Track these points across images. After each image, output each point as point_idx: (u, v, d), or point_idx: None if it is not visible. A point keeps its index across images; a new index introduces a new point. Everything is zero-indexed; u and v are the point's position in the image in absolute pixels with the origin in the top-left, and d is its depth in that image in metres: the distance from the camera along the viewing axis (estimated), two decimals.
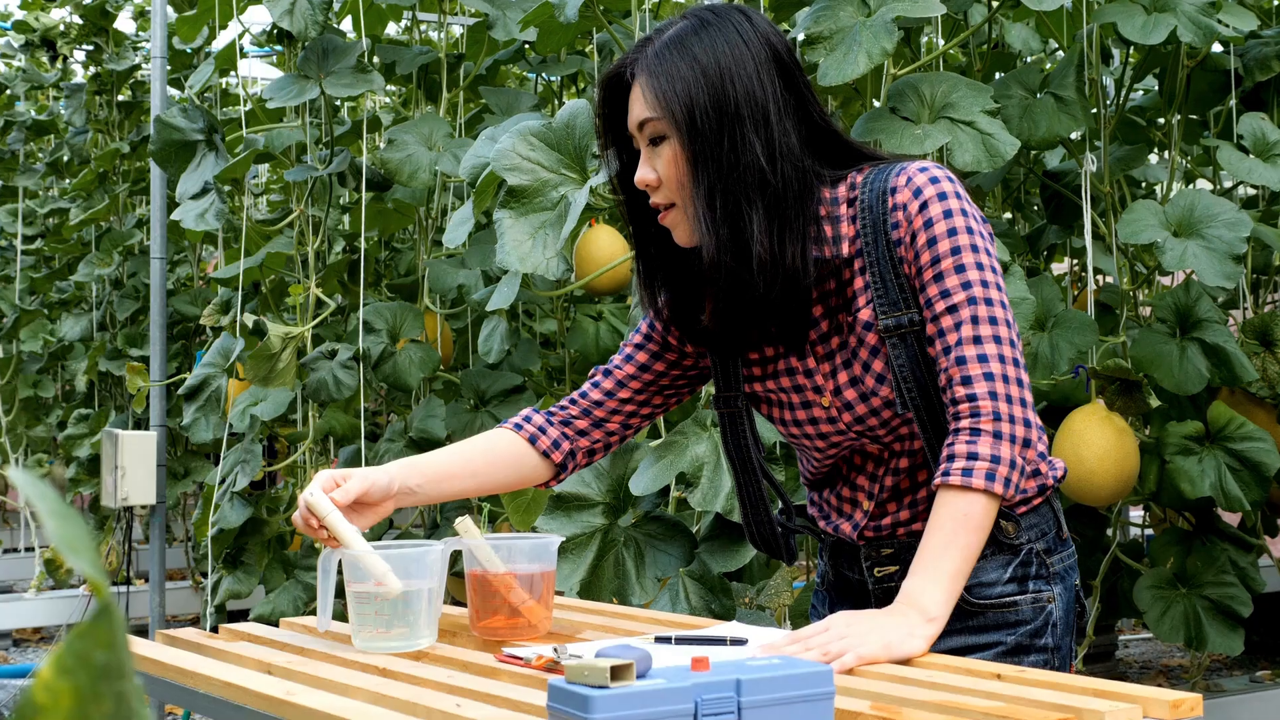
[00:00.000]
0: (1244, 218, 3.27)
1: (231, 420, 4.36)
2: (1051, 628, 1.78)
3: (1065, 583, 1.81)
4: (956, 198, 1.71)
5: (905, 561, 1.78)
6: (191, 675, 1.60)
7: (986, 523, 1.64)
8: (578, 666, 1.19)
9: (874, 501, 1.81)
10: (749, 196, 1.68)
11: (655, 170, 1.73)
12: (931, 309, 1.69)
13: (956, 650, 1.75)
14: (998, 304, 1.69)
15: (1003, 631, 1.76)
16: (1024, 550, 1.77)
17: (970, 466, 1.63)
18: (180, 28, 4.77)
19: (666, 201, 1.74)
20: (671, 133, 1.70)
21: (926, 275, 1.69)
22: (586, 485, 2.73)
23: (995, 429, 1.64)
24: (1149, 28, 3.21)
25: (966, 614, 1.76)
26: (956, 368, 1.66)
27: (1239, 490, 3.41)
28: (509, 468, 1.92)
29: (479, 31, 4.44)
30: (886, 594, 1.81)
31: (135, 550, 6.54)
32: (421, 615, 1.70)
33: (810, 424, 1.82)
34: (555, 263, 2.75)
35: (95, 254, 6.31)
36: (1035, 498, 1.79)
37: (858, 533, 1.84)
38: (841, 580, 1.91)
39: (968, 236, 1.69)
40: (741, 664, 1.25)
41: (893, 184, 1.72)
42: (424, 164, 4.06)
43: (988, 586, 1.76)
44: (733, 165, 1.68)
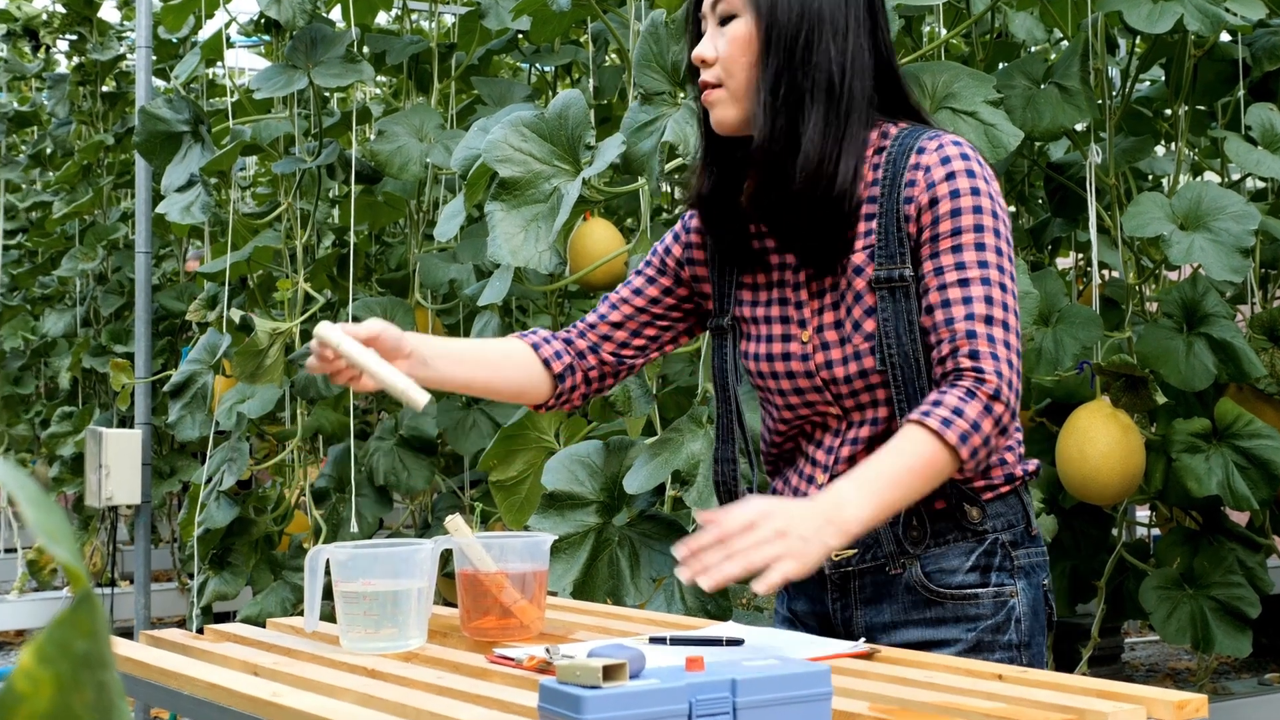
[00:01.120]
0: (1252, 210, 3.28)
1: (218, 418, 4.37)
2: (1015, 623, 1.78)
3: (1031, 579, 1.81)
4: (986, 181, 1.75)
5: (864, 544, 1.80)
6: (176, 676, 1.60)
7: (938, 479, 1.66)
8: (569, 666, 1.20)
9: (829, 474, 1.81)
10: (813, 95, 1.75)
11: (715, 48, 1.79)
12: (941, 277, 1.71)
13: (915, 644, 1.76)
14: (1010, 293, 1.72)
15: (963, 626, 1.77)
16: (989, 539, 1.78)
17: (952, 420, 1.64)
18: (165, 17, 4.77)
19: (716, 80, 1.79)
20: (747, 13, 1.76)
21: (944, 244, 1.72)
22: (580, 484, 2.74)
23: (988, 404, 1.66)
24: (1155, 16, 3.21)
25: (925, 603, 1.77)
26: (966, 340, 1.69)
27: (1247, 489, 3.42)
28: (518, 368, 1.93)
29: (471, 20, 4.44)
30: (843, 579, 1.82)
31: (120, 551, 6.54)
32: (411, 615, 1.71)
33: (782, 360, 1.83)
34: (548, 256, 2.75)
35: (79, 248, 6.30)
36: (1002, 486, 1.79)
37: None
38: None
39: (993, 220, 1.73)
40: (737, 664, 1.25)
41: (922, 144, 1.76)
42: (415, 156, 4.06)
43: (949, 574, 1.77)
44: (804, 61, 1.74)
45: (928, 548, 1.77)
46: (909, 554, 1.78)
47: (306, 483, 4.39)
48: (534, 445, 3.21)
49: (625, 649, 1.26)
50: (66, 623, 0.36)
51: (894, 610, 1.80)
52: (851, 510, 1.59)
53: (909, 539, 1.78)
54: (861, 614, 1.82)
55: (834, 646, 1.66)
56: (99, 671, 0.36)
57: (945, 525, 1.77)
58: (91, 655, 0.36)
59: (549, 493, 2.73)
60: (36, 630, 5.80)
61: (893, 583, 1.79)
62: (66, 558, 0.37)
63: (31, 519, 0.38)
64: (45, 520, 0.38)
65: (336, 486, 4.30)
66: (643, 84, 2.68)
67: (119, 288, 6.28)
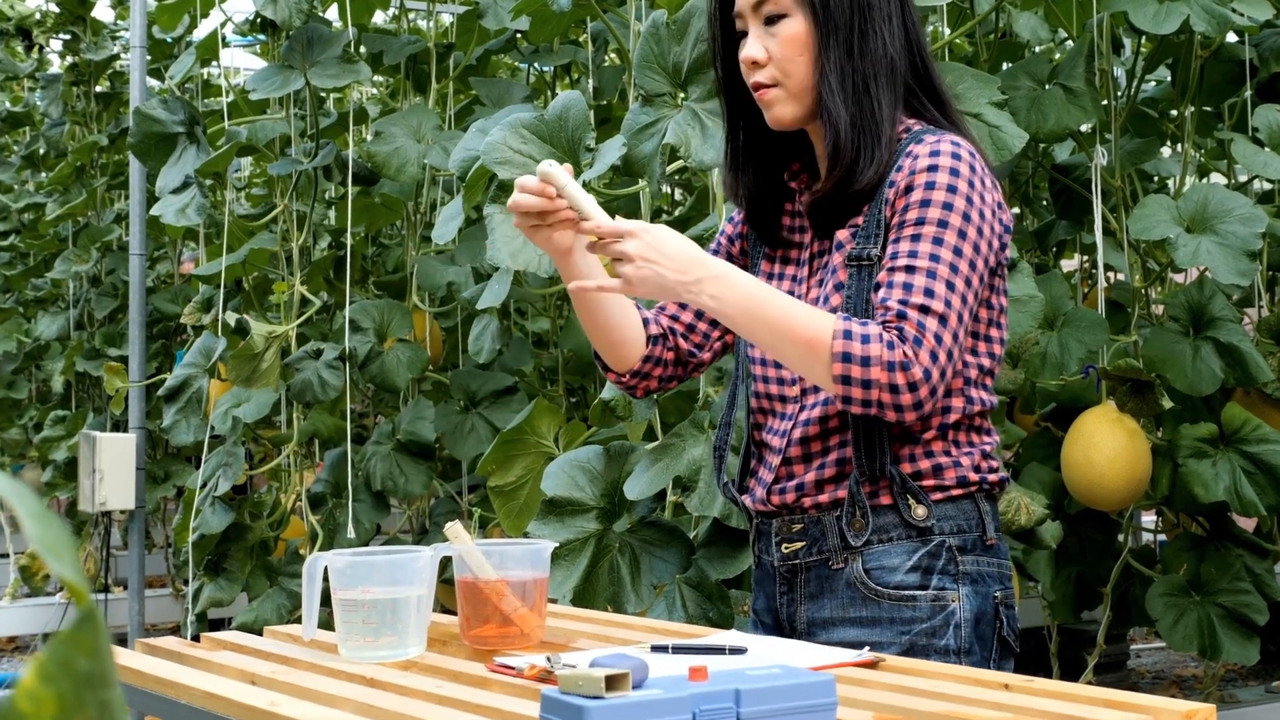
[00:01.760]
0: (1259, 213, 3.28)
1: (213, 422, 4.36)
2: (954, 629, 1.78)
3: (978, 588, 1.81)
4: (971, 185, 1.76)
5: (812, 538, 1.83)
6: (172, 685, 1.60)
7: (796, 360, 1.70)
8: (572, 676, 1.20)
9: (780, 456, 1.85)
10: (877, 81, 1.80)
11: (766, 49, 1.82)
12: (894, 260, 1.74)
13: (851, 644, 1.76)
14: (959, 294, 1.72)
15: (897, 628, 1.78)
16: (934, 541, 1.79)
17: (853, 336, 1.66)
18: (160, 16, 4.77)
19: (770, 80, 1.82)
20: (799, 11, 1.80)
21: (906, 230, 1.75)
22: (580, 489, 2.74)
23: (892, 362, 1.66)
24: (1161, 17, 3.21)
25: (863, 601, 1.79)
26: (896, 319, 1.70)
27: (1254, 494, 3.42)
28: (632, 309, 1.96)
29: (469, 20, 4.45)
30: (791, 573, 1.86)
31: (114, 556, 6.53)
32: (410, 623, 1.71)
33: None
34: (547, 259, 2.75)
35: (72, 250, 6.30)
36: (954, 489, 1.80)
37: (766, 491, 1.87)
38: (760, 568, 1.94)
39: (961, 220, 1.74)
40: (741, 673, 1.25)
41: (924, 137, 1.81)
42: (412, 157, 4.06)
43: (889, 571, 1.79)
44: (862, 51, 1.80)
45: (869, 543, 1.79)
46: (852, 548, 1.80)
47: (303, 488, 4.39)
48: (533, 450, 3.21)
49: (628, 658, 1.26)
50: (69, 641, 0.36)
51: (834, 606, 1.82)
52: (711, 294, 1.68)
53: (852, 530, 1.80)
54: (805, 609, 1.85)
55: (837, 655, 1.66)
56: (101, 690, 0.36)
57: (889, 520, 1.79)
58: (94, 674, 0.36)
59: (549, 499, 2.73)
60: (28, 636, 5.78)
61: (835, 578, 1.82)
62: (69, 574, 0.37)
63: (32, 533, 0.38)
64: (46, 534, 0.38)
65: (333, 492, 4.29)
66: (644, 85, 2.68)
67: (113, 290, 6.28)
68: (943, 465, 1.80)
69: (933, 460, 1.80)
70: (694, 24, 2.60)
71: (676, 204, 5.35)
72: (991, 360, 1.86)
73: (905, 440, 1.79)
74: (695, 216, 4.25)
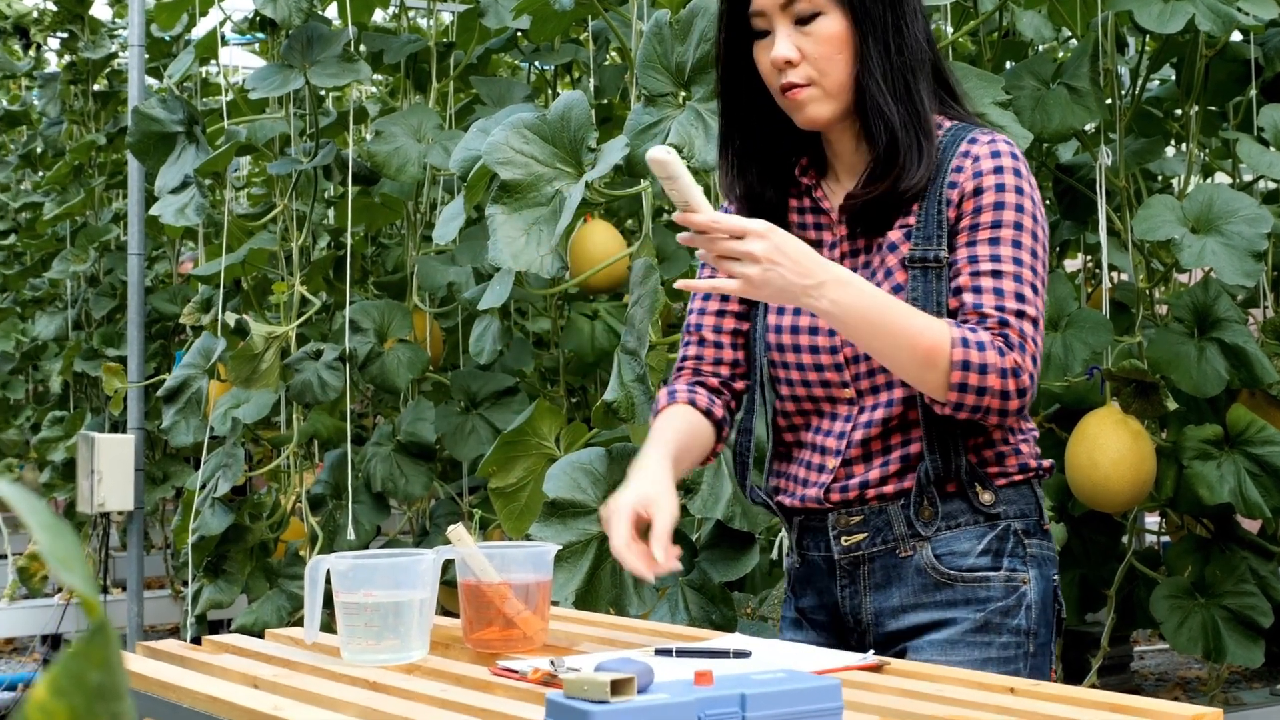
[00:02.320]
0: (1264, 213, 3.28)
1: (212, 423, 4.36)
2: (1026, 609, 1.80)
3: (1042, 570, 1.84)
4: (1031, 187, 1.79)
5: (875, 528, 1.82)
6: (174, 689, 1.60)
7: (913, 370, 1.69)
8: (577, 680, 1.20)
9: (840, 459, 1.84)
10: (916, 75, 1.80)
11: (798, 49, 1.79)
12: (975, 264, 1.75)
13: (923, 626, 1.79)
14: (1040, 298, 1.76)
15: (972, 606, 1.79)
16: (1001, 525, 1.81)
17: (971, 345, 1.68)
18: (159, 14, 4.77)
19: (805, 79, 1.80)
20: (834, 8, 1.78)
21: (982, 233, 1.76)
22: (582, 491, 2.74)
23: (1005, 369, 1.69)
24: (1166, 16, 3.21)
25: (936, 585, 1.80)
26: (998, 325, 1.72)
27: (1259, 496, 3.42)
28: (702, 435, 1.93)
29: (470, 19, 4.45)
30: (853, 565, 1.84)
31: (112, 558, 6.53)
32: (413, 626, 1.71)
33: (808, 333, 1.86)
34: (549, 260, 2.76)
35: (70, 250, 6.30)
36: (1016, 474, 1.83)
37: (824, 492, 1.84)
38: (807, 565, 1.91)
39: (1032, 223, 1.77)
40: (746, 678, 1.25)
41: (976, 136, 1.81)
42: (412, 157, 4.06)
43: (960, 556, 1.80)
44: (899, 46, 1.79)
45: (938, 530, 1.80)
46: (920, 536, 1.80)
47: (302, 489, 4.39)
48: (534, 451, 3.21)
49: (633, 662, 1.26)
50: (80, 654, 0.36)
51: (903, 594, 1.82)
52: (832, 299, 1.66)
53: (920, 520, 1.80)
54: (870, 600, 1.84)
55: (843, 659, 1.66)
56: (113, 703, 0.36)
57: (957, 507, 1.80)
58: (105, 687, 0.36)
59: (551, 500, 2.73)
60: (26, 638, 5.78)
61: (902, 566, 1.82)
62: (80, 586, 0.37)
63: (44, 545, 0.38)
64: (58, 546, 0.38)
65: (333, 493, 4.29)
66: (646, 85, 2.68)
67: (111, 290, 6.27)
68: (1004, 453, 1.83)
69: (995, 449, 1.83)
70: (697, 24, 2.60)
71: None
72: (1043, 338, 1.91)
73: (972, 431, 1.80)
74: None
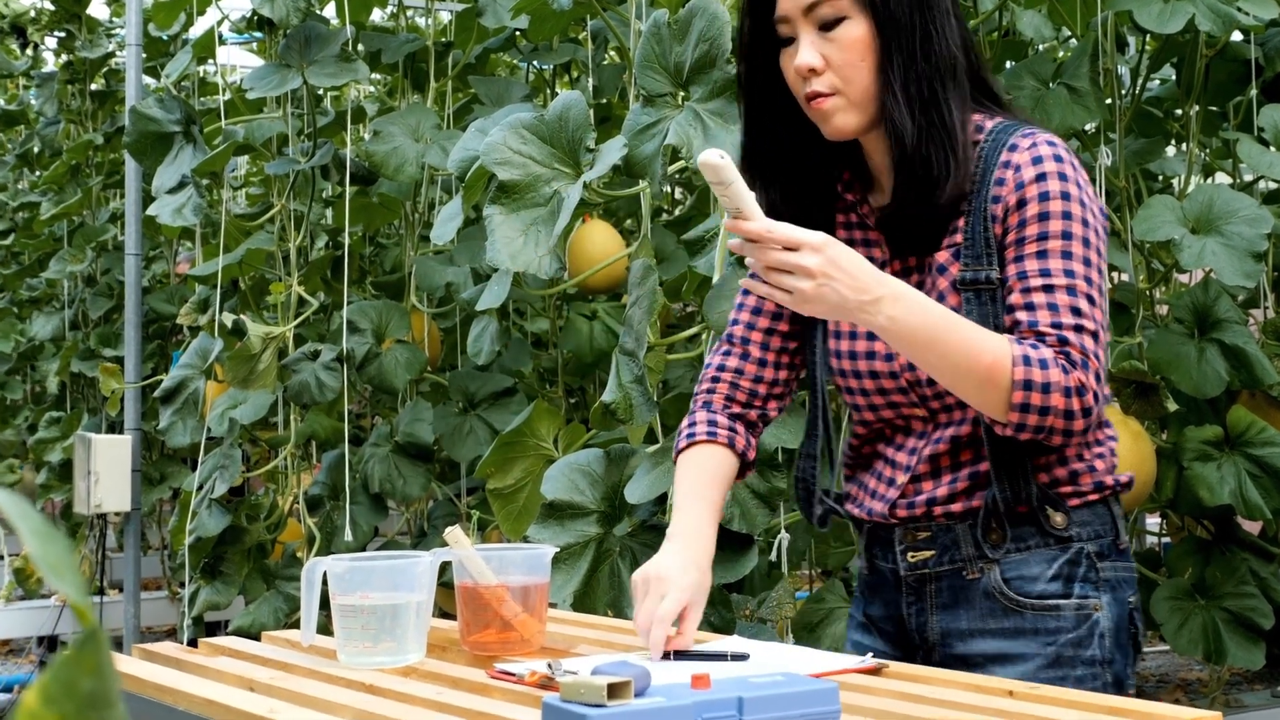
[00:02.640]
0: (1265, 214, 3.28)
1: (210, 424, 4.37)
2: (1099, 639, 1.74)
3: (1117, 595, 1.77)
4: (1079, 186, 1.70)
5: (942, 546, 1.77)
6: (170, 692, 1.60)
7: (972, 388, 1.63)
8: (573, 684, 1.20)
9: (909, 474, 1.79)
10: (944, 82, 1.72)
11: (823, 56, 1.72)
12: (1025, 281, 1.67)
13: (991, 657, 1.73)
14: (1098, 305, 1.68)
15: (1041, 639, 1.73)
16: (1073, 548, 1.75)
17: (1033, 363, 1.61)
18: (156, 14, 4.77)
19: (829, 88, 1.73)
20: (858, 13, 1.71)
21: (1029, 247, 1.68)
22: (580, 493, 2.74)
23: (1069, 388, 1.61)
24: (1166, 16, 3.21)
25: (1004, 613, 1.74)
26: (1058, 344, 1.64)
27: (1259, 498, 3.42)
28: (729, 479, 1.90)
29: (468, 18, 4.45)
30: (919, 582, 1.80)
31: (109, 559, 6.52)
32: (409, 629, 1.71)
33: (866, 359, 1.81)
34: (547, 260, 2.75)
35: (67, 250, 6.30)
36: (1090, 494, 1.76)
37: (889, 508, 1.80)
38: (876, 574, 1.87)
39: (1083, 228, 1.68)
40: (744, 681, 1.25)
41: (1014, 141, 1.72)
42: (410, 157, 4.06)
43: (1029, 581, 1.74)
44: (926, 52, 1.71)
45: (1008, 552, 1.74)
46: (988, 558, 1.75)
47: (300, 490, 4.39)
48: (532, 453, 3.21)
49: (630, 665, 1.26)
50: (72, 662, 0.36)
51: (970, 618, 1.77)
52: (890, 315, 1.59)
53: (989, 542, 1.75)
54: (937, 619, 1.79)
55: (841, 662, 1.66)
56: (105, 711, 0.36)
57: (1027, 530, 1.74)
58: (97, 694, 0.36)
59: (549, 502, 2.73)
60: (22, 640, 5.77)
61: (970, 588, 1.77)
62: (72, 592, 0.37)
63: (35, 551, 0.38)
64: (49, 552, 0.38)
65: (331, 494, 4.29)
66: (645, 85, 2.68)
67: (108, 290, 6.27)
68: (1078, 471, 1.76)
69: (1068, 467, 1.76)
70: (695, 24, 2.60)
71: (677, 203, 5.35)
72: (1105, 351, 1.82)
73: (1041, 450, 1.73)
74: (696, 216, 4.25)
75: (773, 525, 2.82)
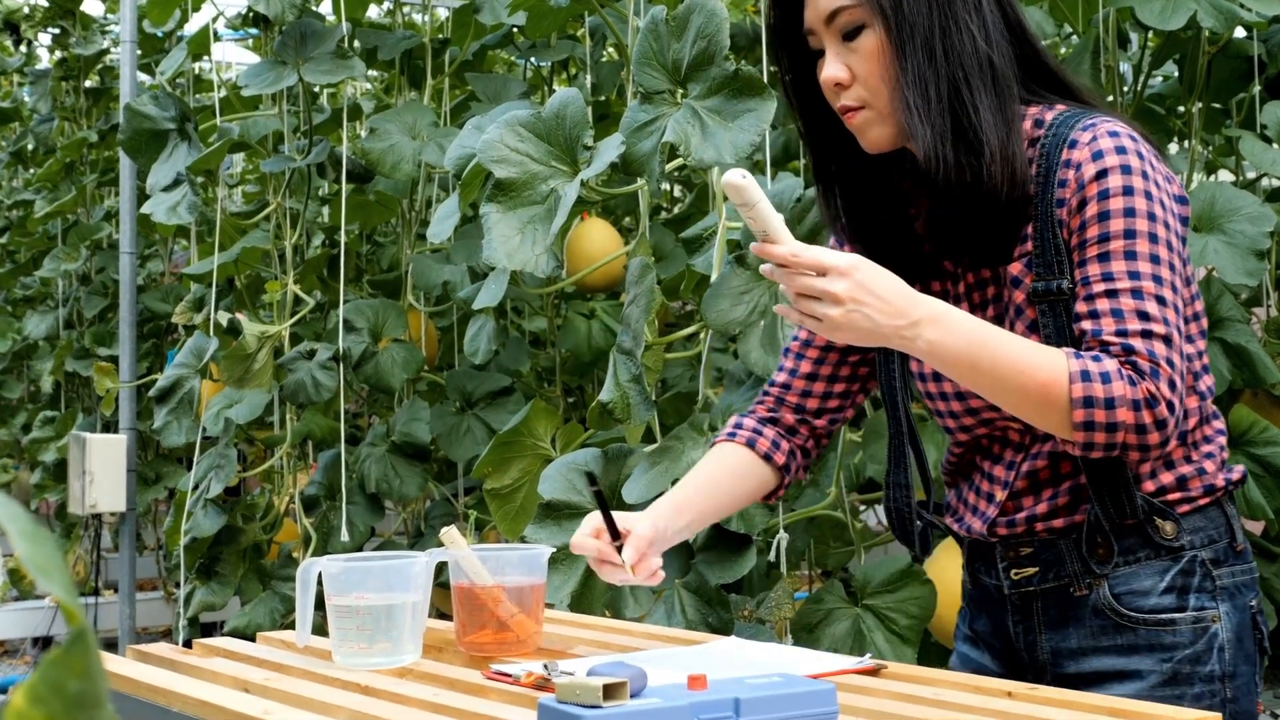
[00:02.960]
0: (1267, 212, 3.28)
1: (205, 423, 4.36)
2: (1218, 653, 1.66)
3: (1236, 601, 1.69)
4: (1144, 176, 1.60)
5: (1046, 562, 1.71)
6: (164, 693, 1.60)
7: (1030, 411, 1.56)
8: (569, 685, 1.20)
9: (1007, 491, 1.72)
10: (970, 82, 1.63)
11: (848, 68, 1.66)
12: (1088, 287, 1.59)
13: (1105, 674, 1.68)
14: (1171, 305, 1.58)
15: (1157, 655, 1.66)
16: (1186, 557, 1.67)
17: (1093, 378, 1.53)
18: (151, 10, 4.77)
19: (858, 102, 1.67)
20: (873, 19, 1.64)
21: (1090, 250, 1.60)
22: (578, 492, 2.74)
23: (1138, 400, 1.53)
24: (1168, 12, 3.21)
25: (1116, 629, 1.67)
26: (1123, 353, 1.56)
27: (1261, 498, 3.42)
28: (747, 481, 1.85)
29: (465, 15, 4.45)
30: (1024, 600, 1.74)
31: (104, 559, 6.53)
32: (405, 630, 1.71)
33: (937, 378, 1.76)
34: (545, 259, 2.75)
35: (61, 248, 6.30)
36: (1201, 498, 1.69)
37: (989, 527, 1.74)
38: (979, 589, 1.82)
39: (1148, 223, 1.59)
40: (740, 682, 1.26)
41: (1074, 136, 1.63)
42: (407, 154, 4.06)
43: (1141, 595, 1.67)
44: (947, 49, 1.62)
45: (1116, 566, 1.67)
46: (1095, 574, 1.68)
47: (296, 490, 4.39)
48: (530, 452, 3.21)
49: (626, 667, 1.26)
50: (60, 662, 0.36)
51: (1081, 636, 1.70)
52: (929, 339, 1.53)
53: (1095, 558, 1.67)
54: (1046, 639, 1.73)
55: (839, 662, 1.66)
56: (92, 711, 0.36)
57: (1135, 542, 1.67)
58: (85, 695, 0.36)
59: (546, 502, 2.73)
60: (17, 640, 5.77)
61: (1079, 605, 1.70)
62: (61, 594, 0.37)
63: (23, 553, 0.38)
64: (37, 554, 0.38)
65: (327, 494, 4.30)
66: (642, 83, 2.68)
67: (103, 289, 6.27)
68: (1187, 476, 1.68)
69: (1175, 472, 1.69)
70: (693, 20, 2.60)
71: (676, 201, 5.35)
72: (1202, 337, 1.72)
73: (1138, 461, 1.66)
74: (695, 214, 4.25)
75: (771, 525, 2.82)
